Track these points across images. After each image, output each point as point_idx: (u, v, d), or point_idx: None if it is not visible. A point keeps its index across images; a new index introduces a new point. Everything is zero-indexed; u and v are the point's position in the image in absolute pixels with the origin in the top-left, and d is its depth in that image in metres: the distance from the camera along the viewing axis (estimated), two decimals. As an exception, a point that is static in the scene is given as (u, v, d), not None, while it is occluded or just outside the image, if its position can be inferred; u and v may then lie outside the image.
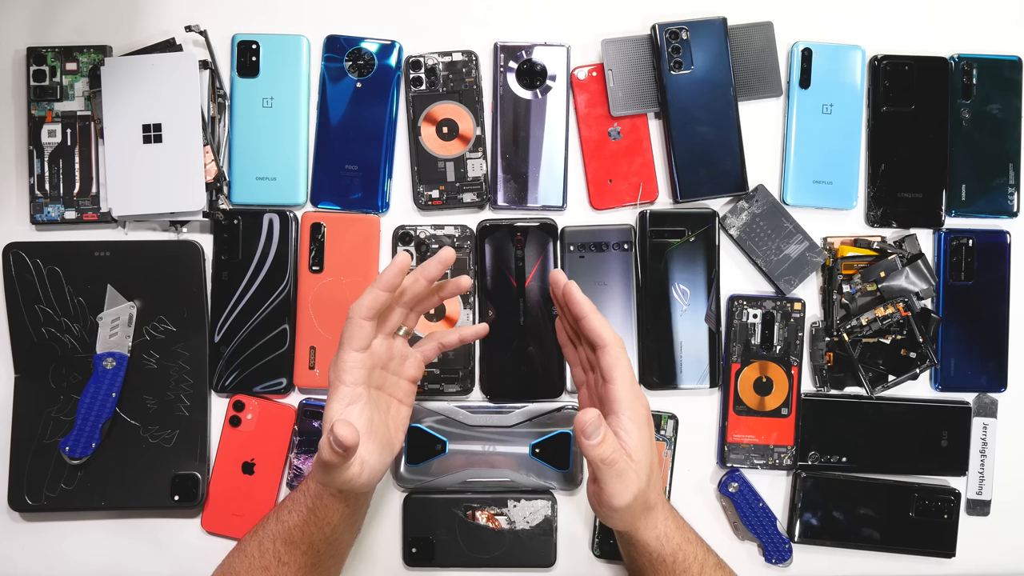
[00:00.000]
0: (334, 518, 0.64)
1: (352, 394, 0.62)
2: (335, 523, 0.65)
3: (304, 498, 0.65)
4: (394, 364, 0.67)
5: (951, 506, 0.79)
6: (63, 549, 0.78)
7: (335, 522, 0.65)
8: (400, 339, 0.67)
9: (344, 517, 0.65)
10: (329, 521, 0.64)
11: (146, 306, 0.77)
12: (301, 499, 0.65)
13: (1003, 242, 0.80)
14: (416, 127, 0.79)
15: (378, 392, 0.65)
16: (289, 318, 0.78)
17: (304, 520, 0.64)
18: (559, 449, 0.77)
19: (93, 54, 0.78)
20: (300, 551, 0.64)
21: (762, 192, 0.79)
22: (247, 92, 0.78)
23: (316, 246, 0.78)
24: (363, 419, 0.62)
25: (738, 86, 0.79)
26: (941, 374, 0.80)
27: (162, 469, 0.76)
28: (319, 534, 0.64)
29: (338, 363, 0.62)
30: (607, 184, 0.80)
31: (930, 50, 0.81)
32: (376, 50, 0.79)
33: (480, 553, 0.77)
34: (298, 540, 0.64)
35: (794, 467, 0.79)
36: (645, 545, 0.65)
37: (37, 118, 0.78)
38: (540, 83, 0.79)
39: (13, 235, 0.78)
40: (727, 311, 0.79)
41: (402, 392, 0.68)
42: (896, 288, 0.78)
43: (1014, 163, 0.81)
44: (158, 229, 0.79)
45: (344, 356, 0.62)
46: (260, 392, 0.78)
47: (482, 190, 0.79)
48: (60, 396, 0.76)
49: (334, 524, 0.65)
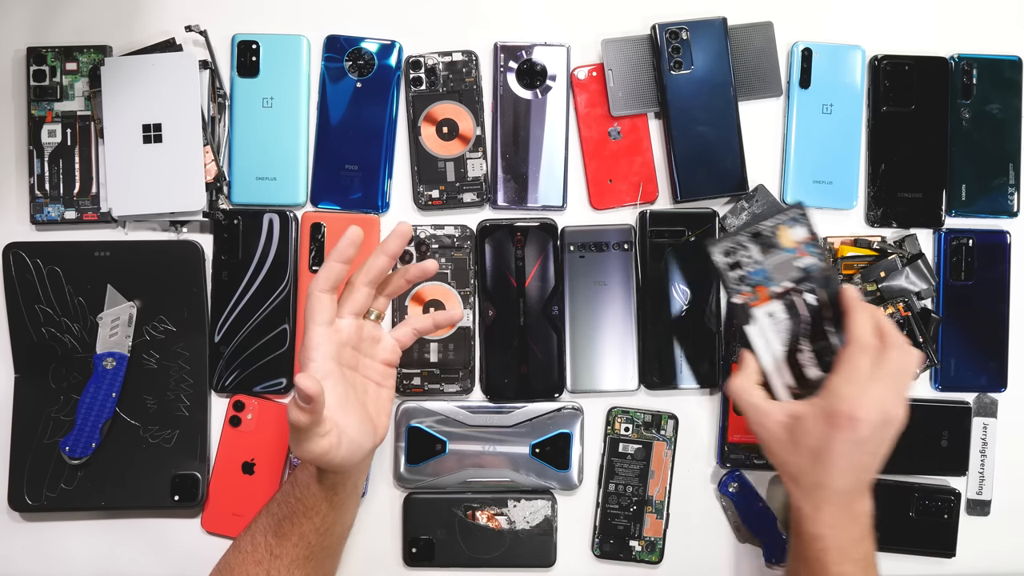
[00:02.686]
0: (322, 507, 0.64)
1: (322, 370, 0.61)
2: (324, 512, 0.65)
3: (292, 489, 0.65)
4: (365, 346, 0.66)
5: (951, 506, 0.79)
6: (63, 549, 0.78)
7: (324, 511, 0.65)
8: (370, 322, 0.66)
9: (332, 506, 0.65)
10: (318, 511, 0.64)
11: (146, 306, 0.77)
12: (289, 491, 0.65)
13: (1003, 242, 0.80)
14: (416, 127, 0.79)
15: (352, 373, 0.65)
16: (289, 318, 0.78)
17: (292, 511, 0.64)
18: (559, 449, 0.77)
19: (93, 54, 0.78)
20: (291, 543, 0.65)
21: (762, 192, 0.79)
22: (247, 92, 0.78)
23: (316, 246, 0.78)
24: (336, 393, 0.62)
25: (738, 86, 0.79)
26: (941, 374, 0.80)
27: (162, 469, 0.76)
28: (308, 525, 0.64)
29: (305, 342, 0.62)
30: (607, 184, 0.80)
31: (930, 50, 0.81)
32: (376, 50, 0.79)
33: (480, 553, 0.77)
34: (288, 532, 0.64)
35: (794, 467, 0.79)
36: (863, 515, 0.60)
37: (37, 118, 0.78)
38: (540, 83, 0.79)
39: (13, 235, 0.78)
40: (727, 311, 0.79)
41: (378, 374, 0.67)
42: (896, 288, 0.78)
43: (1014, 163, 0.81)
44: (158, 229, 0.79)
45: (309, 333, 0.62)
46: (260, 392, 0.78)
47: (482, 190, 0.79)
48: (60, 396, 0.76)
49: (323, 514, 0.65)
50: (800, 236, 0.65)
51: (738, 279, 0.65)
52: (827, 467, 0.60)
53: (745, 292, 0.65)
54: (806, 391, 0.64)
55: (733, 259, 0.65)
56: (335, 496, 0.65)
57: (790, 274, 0.65)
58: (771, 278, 0.65)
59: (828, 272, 0.64)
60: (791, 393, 0.65)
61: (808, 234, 0.65)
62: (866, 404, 0.59)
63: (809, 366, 0.65)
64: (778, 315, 0.65)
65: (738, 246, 0.65)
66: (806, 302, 0.65)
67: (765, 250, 0.65)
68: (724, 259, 0.65)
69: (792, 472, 0.62)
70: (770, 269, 0.65)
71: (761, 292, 0.65)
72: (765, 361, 0.66)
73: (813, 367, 0.65)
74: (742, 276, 0.65)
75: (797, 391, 0.65)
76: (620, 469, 0.78)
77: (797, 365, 0.65)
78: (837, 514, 0.61)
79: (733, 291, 0.66)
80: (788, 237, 0.65)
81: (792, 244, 0.65)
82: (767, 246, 0.65)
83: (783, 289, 0.65)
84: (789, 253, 0.65)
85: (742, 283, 0.65)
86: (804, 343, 0.65)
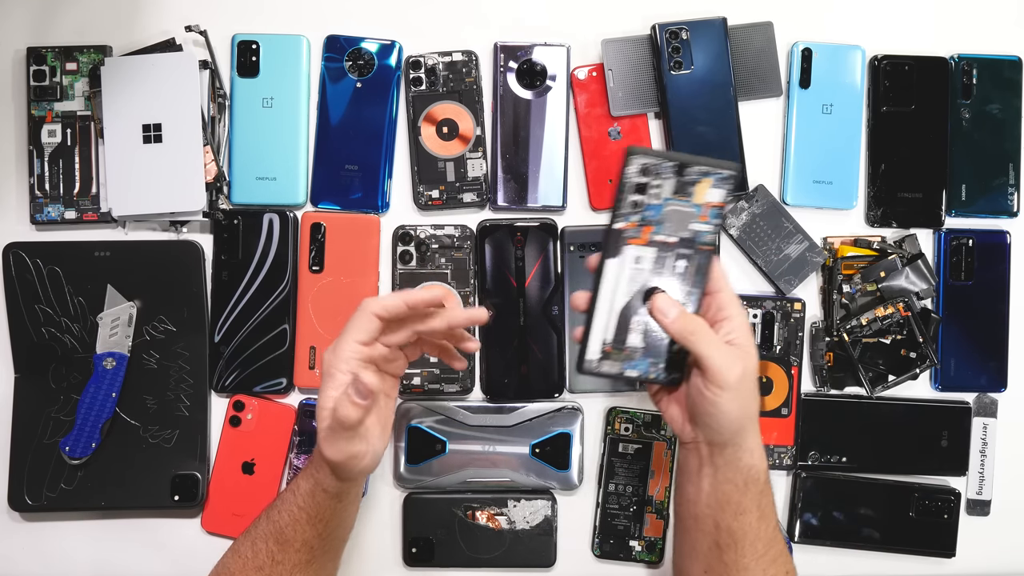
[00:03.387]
0: (325, 514, 0.64)
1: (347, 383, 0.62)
2: (327, 519, 0.65)
3: (294, 497, 0.65)
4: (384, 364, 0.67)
5: (951, 506, 0.79)
6: (63, 549, 0.78)
7: (327, 518, 0.65)
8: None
9: (335, 513, 0.65)
10: (321, 517, 0.64)
11: (146, 306, 0.77)
12: (291, 498, 0.65)
13: (1003, 242, 0.80)
14: (416, 127, 0.79)
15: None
16: (289, 318, 0.78)
17: (295, 518, 0.64)
18: (559, 449, 0.77)
19: (93, 54, 0.78)
20: (293, 549, 0.64)
21: (762, 192, 0.79)
22: (247, 92, 0.78)
23: (316, 246, 0.78)
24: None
25: (738, 86, 0.79)
26: (941, 374, 0.80)
27: (162, 469, 0.76)
28: (311, 531, 0.64)
29: (337, 350, 0.62)
30: (607, 184, 0.80)
31: (930, 50, 0.81)
32: (376, 50, 0.79)
33: (480, 553, 0.77)
34: (291, 538, 0.64)
35: (794, 467, 0.79)
36: (750, 454, 0.62)
37: (37, 118, 0.78)
38: (540, 83, 0.79)
39: (13, 235, 0.78)
40: None
41: (388, 386, 0.67)
42: (896, 288, 0.78)
43: (1014, 163, 0.81)
44: (158, 229, 0.79)
45: (345, 345, 0.62)
46: (260, 392, 0.78)
47: (482, 190, 0.79)
48: (60, 396, 0.76)
49: (326, 520, 0.65)
50: (714, 198, 0.60)
51: (632, 204, 0.60)
52: (755, 401, 0.62)
53: (631, 222, 0.60)
54: (617, 353, 0.61)
55: (643, 180, 0.59)
56: (339, 503, 0.65)
57: (680, 231, 0.60)
58: (662, 223, 0.60)
59: (709, 249, 0.60)
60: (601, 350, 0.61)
61: (720, 200, 0.60)
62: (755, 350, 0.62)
63: (635, 331, 0.61)
64: (644, 264, 0.61)
65: (657, 173, 0.59)
66: (674, 267, 0.61)
67: (677, 191, 0.59)
68: (636, 176, 0.59)
69: (751, 413, 0.62)
70: (667, 213, 0.60)
71: (645, 232, 0.60)
72: (601, 304, 0.61)
73: (637, 334, 0.61)
74: (637, 203, 0.60)
75: (609, 349, 0.61)
76: (620, 469, 0.78)
77: (625, 325, 0.61)
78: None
79: (620, 215, 0.60)
80: (703, 193, 0.60)
81: (702, 202, 0.60)
82: (681, 190, 0.59)
83: (664, 240, 0.60)
84: (694, 209, 0.60)
85: (634, 210, 0.60)
86: (643, 307, 0.61)
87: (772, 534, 0.64)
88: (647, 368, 0.62)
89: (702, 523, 0.64)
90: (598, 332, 0.61)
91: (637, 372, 0.62)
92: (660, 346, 0.62)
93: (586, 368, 0.62)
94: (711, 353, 0.58)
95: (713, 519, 0.63)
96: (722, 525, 0.63)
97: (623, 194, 0.59)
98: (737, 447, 0.62)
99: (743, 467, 0.62)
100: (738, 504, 0.62)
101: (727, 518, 0.63)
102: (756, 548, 0.63)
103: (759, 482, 0.63)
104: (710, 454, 0.63)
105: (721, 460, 0.62)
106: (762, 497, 0.63)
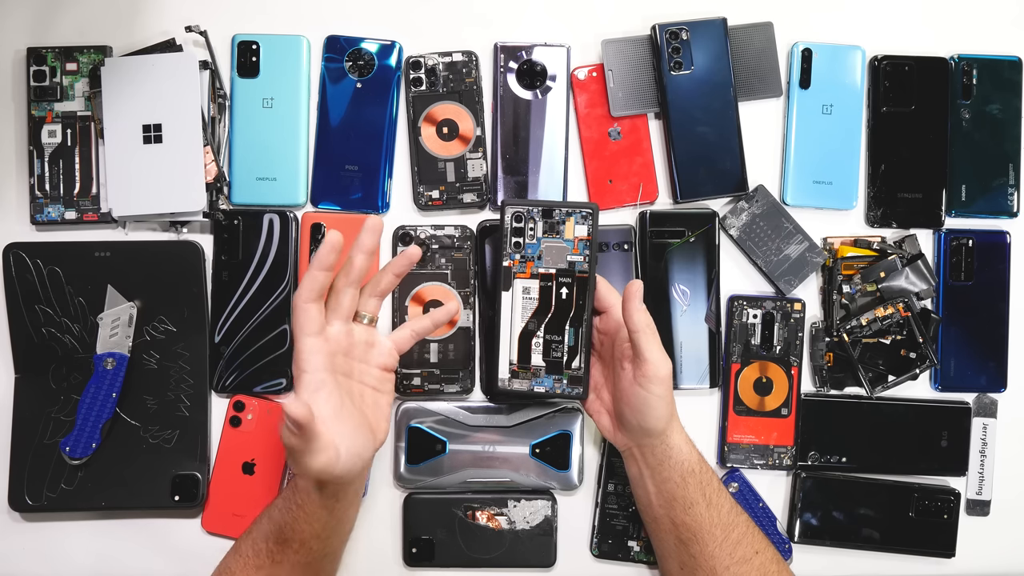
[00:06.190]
0: (323, 514, 0.64)
1: (315, 381, 0.62)
2: (325, 519, 0.65)
3: (293, 495, 0.65)
4: (358, 351, 0.66)
5: (951, 506, 0.79)
6: (63, 549, 0.78)
7: (325, 518, 0.65)
8: (363, 326, 0.66)
9: (334, 513, 0.65)
10: (319, 517, 0.64)
11: (146, 306, 0.77)
12: (291, 497, 0.65)
13: (1003, 242, 0.81)
14: (416, 127, 0.79)
15: (346, 379, 0.65)
16: (289, 318, 0.78)
17: (294, 518, 0.64)
18: (559, 449, 0.78)
19: (93, 54, 0.78)
20: (292, 549, 0.65)
21: (762, 192, 0.79)
22: (247, 92, 0.78)
23: (316, 246, 0.78)
24: (330, 405, 0.62)
25: (738, 86, 0.79)
26: (941, 374, 0.80)
27: (162, 469, 0.76)
28: (310, 531, 0.64)
29: (296, 354, 0.62)
30: (607, 184, 0.80)
31: (930, 50, 0.81)
32: (376, 50, 0.79)
33: (480, 553, 0.78)
34: (290, 538, 0.64)
35: (794, 467, 0.80)
36: (679, 450, 0.68)
37: (37, 118, 0.78)
38: (540, 83, 0.79)
39: (13, 235, 0.78)
40: (727, 311, 0.79)
41: (374, 379, 0.67)
42: (896, 288, 0.78)
43: (1014, 163, 0.81)
44: (158, 229, 0.79)
45: (299, 345, 0.62)
46: (260, 392, 0.78)
47: (482, 190, 0.79)
48: (60, 396, 0.76)
49: (324, 520, 0.65)
50: (581, 233, 0.69)
51: (514, 245, 0.70)
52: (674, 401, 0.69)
53: (515, 260, 0.70)
54: (523, 374, 0.71)
55: (519, 225, 0.70)
56: (336, 504, 0.65)
57: (558, 263, 0.70)
58: (541, 258, 0.70)
59: (585, 276, 0.70)
60: (510, 370, 0.71)
61: (587, 234, 0.69)
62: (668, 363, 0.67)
63: (535, 352, 0.71)
64: (531, 294, 0.70)
65: (529, 217, 0.69)
66: (560, 295, 0.70)
67: (548, 231, 0.70)
68: (513, 222, 0.70)
69: (674, 411, 0.69)
70: (544, 249, 0.70)
71: (528, 266, 0.70)
72: (503, 330, 0.70)
73: (538, 354, 0.71)
74: (518, 243, 0.70)
75: (516, 369, 0.71)
76: (620, 469, 0.78)
77: (527, 347, 0.71)
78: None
79: (506, 254, 0.70)
80: (571, 230, 0.69)
81: (572, 237, 0.69)
82: (552, 229, 0.69)
83: (545, 272, 0.70)
84: (566, 244, 0.70)
85: (516, 250, 0.70)
86: (540, 331, 0.70)
87: (727, 518, 0.68)
88: (552, 384, 0.71)
89: (661, 523, 0.69)
90: (504, 355, 0.71)
91: (544, 388, 0.71)
92: (559, 365, 0.71)
93: (498, 388, 0.71)
94: (652, 348, 0.66)
95: (668, 518, 0.68)
96: (677, 521, 0.68)
97: (506, 237, 0.70)
98: (666, 445, 0.67)
99: (675, 463, 0.67)
100: (683, 499, 0.67)
101: (679, 514, 0.68)
102: (715, 535, 0.67)
103: (695, 472, 0.68)
104: (643, 456, 0.69)
105: (654, 460, 0.68)
106: (705, 487, 0.68)
